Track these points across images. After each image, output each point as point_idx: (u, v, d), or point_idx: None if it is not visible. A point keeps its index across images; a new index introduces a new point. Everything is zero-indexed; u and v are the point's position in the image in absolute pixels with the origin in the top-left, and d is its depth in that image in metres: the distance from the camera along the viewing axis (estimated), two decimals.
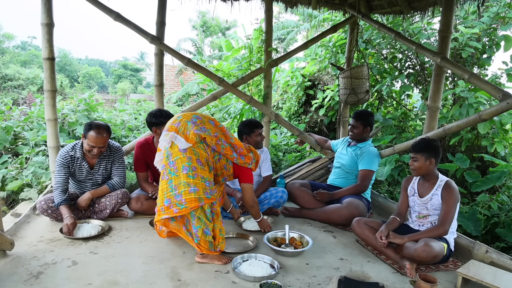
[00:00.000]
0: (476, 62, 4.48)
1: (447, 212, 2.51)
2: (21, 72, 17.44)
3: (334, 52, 5.84)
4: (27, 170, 4.30)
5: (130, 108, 8.55)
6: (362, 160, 3.44)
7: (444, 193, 2.57)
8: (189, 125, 2.41)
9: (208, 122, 2.50)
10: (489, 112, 2.85)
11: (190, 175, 2.32)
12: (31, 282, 2.08)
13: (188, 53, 18.53)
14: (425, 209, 2.67)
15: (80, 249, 2.56)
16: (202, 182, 2.34)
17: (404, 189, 2.83)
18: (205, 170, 2.38)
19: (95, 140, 2.93)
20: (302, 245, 2.72)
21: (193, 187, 2.30)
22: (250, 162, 2.64)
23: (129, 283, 2.12)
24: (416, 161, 2.61)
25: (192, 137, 2.38)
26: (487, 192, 3.81)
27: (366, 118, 3.53)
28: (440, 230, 2.49)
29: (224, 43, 10.48)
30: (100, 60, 54.60)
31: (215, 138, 2.47)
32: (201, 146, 2.42)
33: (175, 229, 2.48)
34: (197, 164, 2.36)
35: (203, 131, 2.42)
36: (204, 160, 2.40)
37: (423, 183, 2.71)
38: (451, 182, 2.59)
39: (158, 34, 3.89)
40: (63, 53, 35.07)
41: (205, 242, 2.35)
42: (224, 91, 4.26)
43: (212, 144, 2.47)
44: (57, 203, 2.89)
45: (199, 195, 2.30)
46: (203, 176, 2.36)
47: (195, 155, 2.37)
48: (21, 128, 5.22)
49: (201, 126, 2.43)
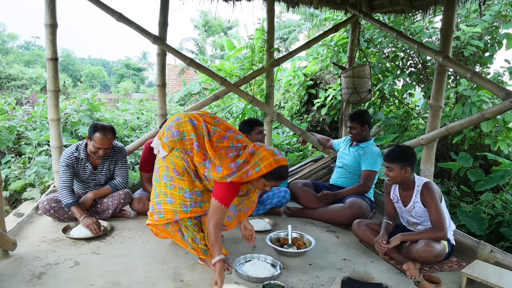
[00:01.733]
0: (478, 60, 4.46)
1: (436, 214, 2.44)
2: (24, 72, 17.48)
3: (336, 51, 5.82)
4: (30, 169, 4.31)
5: (132, 107, 8.57)
6: (365, 160, 3.42)
7: (423, 198, 2.52)
8: (165, 131, 2.26)
9: (186, 122, 2.20)
10: (492, 110, 2.83)
11: (167, 185, 2.21)
12: (33, 283, 2.08)
13: (190, 52, 18.52)
14: (411, 217, 2.66)
15: (82, 249, 2.56)
16: (179, 193, 2.19)
17: (387, 193, 2.80)
18: (183, 180, 2.19)
19: (101, 142, 2.93)
20: (305, 245, 2.70)
21: (170, 198, 2.20)
22: (228, 175, 2.04)
23: (131, 284, 2.13)
24: (391, 170, 2.54)
25: (164, 146, 2.23)
26: (491, 191, 3.78)
27: (362, 117, 3.51)
28: (438, 234, 2.41)
29: (226, 43, 10.48)
30: (102, 59, 54.68)
31: (190, 141, 2.17)
32: (176, 154, 2.20)
33: (169, 234, 2.34)
34: (173, 174, 2.20)
35: (172, 138, 2.18)
36: (182, 169, 2.19)
37: (403, 191, 2.66)
38: (428, 184, 2.53)
39: (160, 34, 3.89)
40: (66, 53, 35.17)
41: (198, 249, 2.30)
42: (226, 90, 4.25)
43: (186, 150, 2.19)
44: (68, 203, 2.88)
45: (175, 208, 2.19)
46: (182, 186, 2.19)
47: (171, 164, 2.21)
48: (24, 127, 5.23)
49: (173, 131, 2.19)
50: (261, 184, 2.11)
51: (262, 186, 2.13)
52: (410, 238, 2.50)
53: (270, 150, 2.08)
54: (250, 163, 2.04)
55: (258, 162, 2.03)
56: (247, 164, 2.05)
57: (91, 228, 2.75)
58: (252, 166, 2.03)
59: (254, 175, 2.03)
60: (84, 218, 2.80)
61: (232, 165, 2.06)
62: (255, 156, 2.06)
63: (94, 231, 2.74)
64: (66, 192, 2.92)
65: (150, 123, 7.30)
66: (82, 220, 2.80)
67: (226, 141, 2.18)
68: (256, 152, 2.08)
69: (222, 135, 2.20)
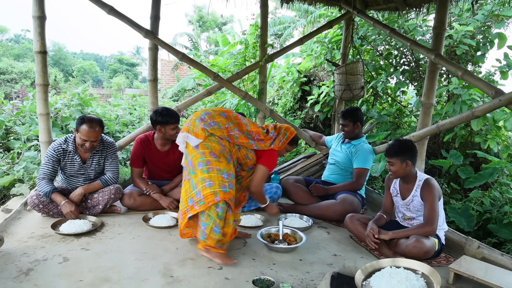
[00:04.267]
0: (470, 59, 4.49)
1: (430, 210, 2.49)
2: (14, 66, 17.22)
3: (329, 48, 5.82)
4: (19, 165, 4.25)
5: (125, 103, 8.49)
6: (357, 158, 3.43)
7: (423, 193, 2.56)
8: (197, 122, 2.39)
9: (218, 115, 2.46)
10: (482, 108, 2.86)
11: (204, 170, 2.29)
12: (20, 279, 2.06)
13: (184, 48, 18.41)
14: (408, 211, 2.69)
15: (71, 245, 2.54)
16: (218, 174, 2.29)
17: (387, 188, 2.84)
18: (221, 162, 2.33)
19: (88, 134, 2.90)
20: (296, 241, 2.70)
21: (208, 181, 2.27)
22: (270, 143, 2.55)
23: (121, 280, 2.11)
24: (392, 165, 2.59)
25: (201, 133, 2.35)
26: (480, 188, 3.83)
27: (354, 115, 3.52)
28: (426, 229, 2.47)
29: (220, 38, 10.44)
30: (95, 54, 54.13)
31: (226, 129, 2.43)
32: (212, 139, 2.37)
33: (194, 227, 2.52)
34: (210, 157, 2.31)
35: (211, 126, 2.39)
36: (219, 152, 2.35)
37: (403, 184, 2.70)
38: (430, 180, 2.57)
39: (152, 28, 3.84)
40: (57, 47, 34.70)
41: (212, 240, 2.32)
42: (218, 86, 4.23)
43: (224, 136, 2.41)
44: (47, 191, 2.86)
45: (214, 189, 2.25)
46: (219, 168, 2.31)
47: (207, 148, 2.34)
48: (13, 122, 5.15)
49: (210, 121, 2.40)
50: (284, 150, 2.66)
51: (285, 152, 2.69)
52: (400, 235, 2.54)
53: (286, 125, 2.73)
54: (280, 134, 2.61)
55: (283, 132, 2.62)
56: (278, 134, 2.60)
57: (69, 216, 2.83)
58: (282, 135, 2.60)
59: (285, 142, 2.60)
60: (64, 204, 2.83)
61: (271, 134, 2.59)
62: (278, 129, 2.63)
63: (73, 218, 2.83)
64: (44, 181, 2.91)
65: (142, 119, 7.25)
66: (62, 206, 2.83)
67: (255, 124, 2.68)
68: (276, 127, 2.66)
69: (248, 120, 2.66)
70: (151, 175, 3.46)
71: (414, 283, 1.72)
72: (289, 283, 2.16)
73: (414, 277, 1.76)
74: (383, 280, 1.77)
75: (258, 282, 2.09)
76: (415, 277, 1.77)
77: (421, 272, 1.82)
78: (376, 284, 1.77)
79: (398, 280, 1.74)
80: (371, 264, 1.98)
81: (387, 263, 1.94)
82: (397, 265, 1.90)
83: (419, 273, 1.81)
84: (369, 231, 2.61)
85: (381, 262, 1.98)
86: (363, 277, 1.88)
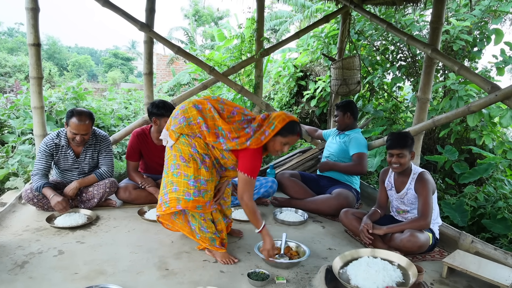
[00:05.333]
0: (467, 55, 4.50)
1: (424, 204, 2.50)
2: (7, 59, 17.04)
3: (326, 43, 5.81)
4: (13, 159, 4.21)
5: (120, 97, 8.43)
6: (352, 145, 3.46)
7: (417, 186, 2.57)
8: (172, 120, 2.29)
9: (191, 108, 2.21)
10: (478, 104, 2.87)
11: (174, 174, 2.23)
12: (15, 272, 2.05)
13: (180, 42, 18.28)
14: (402, 204, 2.70)
15: (66, 238, 2.53)
16: (184, 180, 2.19)
17: (381, 182, 2.85)
18: (189, 167, 2.19)
19: (77, 127, 2.87)
20: (299, 255, 2.42)
21: (175, 186, 2.21)
22: (247, 139, 2.15)
23: (116, 272, 2.11)
24: (402, 157, 2.57)
25: (172, 134, 2.26)
26: (474, 183, 3.86)
27: (345, 106, 3.60)
28: (420, 222, 2.48)
29: (216, 33, 10.37)
30: (90, 48, 53.58)
31: (198, 125, 2.18)
32: (182, 141, 2.22)
33: (178, 226, 2.40)
34: (180, 161, 2.21)
35: (179, 124, 2.21)
36: (188, 156, 2.20)
37: (399, 177, 2.71)
38: (424, 174, 2.58)
39: (147, 21, 3.81)
40: (52, 41, 34.32)
41: (205, 238, 2.31)
42: (214, 80, 4.21)
43: (194, 133, 2.21)
44: (38, 186, 2.84)
45: (178, 195, 2.19)
46: (187, 173, 2.19)
47: (178, 151, 2.23)
48: (7, 116, 5.10)
49: (180, 118, 2.22)
50: (278, 144, 2.21)
51: (280, 147, 2.22)
52: (394, 230, 2.55)
53: (281, 111, 2.27)
54: (265, 125, 2.18)
55: (272, 122, 2.17)
56: (261, 126, 2.19)
57: (57, 208, 2.77)
58: (268, 126, 2.17)
59: (271, 133, 2.15)
60: (53, 197, 2.79)
61: (248, 130, 2.17)
62: (266, 120, 2.22)
63: (61, 208, 2.77)
64: (38, 176, 2.89)
65: (138, 113, 7.20)
66: (51, 200, 2.79)
67: (236, 116, 2.26)
68: (268, 117, 2.24)
69: (230, 110, 2.27)
70: (147, 169, 3.45)
71: (391, 273, 1.73)
72: (284, 276, 2.16)
73: (391, 268, 1.78)
74: (360, 269, 1.78)
75: (253, 275, 2.09)
76: (392, 268, 1.78)
77: (398, 263, 1.83)
78: (353, 273, 1.79)
79: (376, 269, 1.75)
80: (350, 253, 1.97)
81: (366, 253, 1.94)
82: (376, 255, 1.90)
83: (395, 264, 1.82)
84: (363, 226, 2.62)
85: (360, 252, 1.98)
86: (341, 264, 1.87)
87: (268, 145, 2.24)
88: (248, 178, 2.17)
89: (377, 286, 1.65)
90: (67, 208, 2.84)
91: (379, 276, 1.70)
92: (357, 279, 1.71)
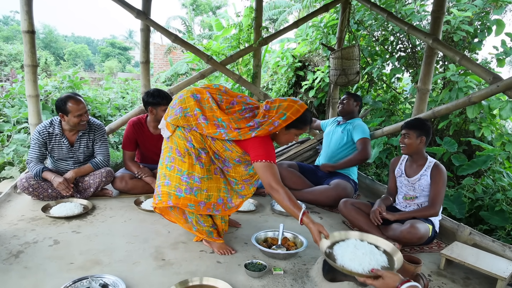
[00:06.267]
0: (467, 46, 4.46)
1: (438, 193, 2.53)
2: (3, 48, 16.82)
3: (325, 32, 5.74)
4: (9, 148, 4.18)
5: (117, 87, 8.36)
6: (356, 131, 3.48)
7: (433, 174, 2.58)
8: (169, 110, 2.19)
9: (189, 97, 2.11)
10: (479, 94, 2.84)
11: (168, 167, 2.14)
12: (10, 261, 2.03)
13: (178, 31, 18.08)
14: (412, 190, 2.69)
15: (62, 228, 2.50)
16: (177, 175, 2.09)
17: (392, 171, 2.85)
18: (184, 162, 2.09)
19: (78, 107, 2.87)
20: (296, 246, 2.41)
21: (167, 179, 2.12)
22: (251, 130, 2.03)
23: (112, 262, 2.09)
24: (407, 137, 2.61)
25: (169, 126, 2.17)
26: (473, 175, 3.85)
27: (357, 95, 3.67)
28: (431, 211, 2.52)
29: (214, 22, 10.21)
30: (87, 37, 53.04)
31: (194, 117, 2.08)
32: (178, 134, 2.13)
33: (175, 218, 2.31)
34: (175, 154, 2.12)
35: (175, 115, 2.11)
36: (184, 150, 2.10)
37: (411, 164, 2.72)
38: (440, 164, 2.61)
39: (144, 8, 3.74)
40: (48, 29, 33.92)
41: (202, 232, 2.28)
42: (212, 69, 4.16)
43: (191, 125, 2.10)
44: (38, 171, 2.85)
45: (169, 190, 2.10)
46: (180, 168, 2.09)
47: (174, 144, 2.14)
48: (2, 105, 5.04)
49: (177, 109, 2.11)
50: (291, 135, 2.12)
51: (292, 137, 2.14)
52: (404, 217, 2.57)
53: (288, 99, 2.09)
54: (273, 116, 2.03)
55: (282, 112, 2.03)
56: (269, 118, 2.04)
57: (60, 188, 2.81)
58: (277, 116, 2.03)
59: (282, 124, 2.04)
60: (54, 178, 2.83)
61: (251, 123, 2.04)
62: (275, 110, 2.06)
63: (64, 188, 2.82)
64: (33, 163, 2.90)
65: (135, 103, 7.14)
66: (53, 181, 2.84)
67: (237, 106, 2.14)
68: (272, 106, 2.08)
69: (230, 101, 2.16)
70: (143, 158, 3.42)
71: (377, 257, 1.72)
72: (281, 267, 2.15)
73: (377, 252, 1.77)
74: (348, 250, 1.78)
75: (250, 266, 2.08)
76: (379, 252, 1.77)
77: (384, 249, 1.83)
78: (339, 253, 1.78)
79: (363, 252, 1.74)
80: (339, 234, 1.95)
81: (354, 236, 1.95)
82: (363, 239, 1.92)
83: (381, 249, 1.82)
84: (377, 208, 2.63)
85: (348, 233, 1.96)
86: (329, 244, 1.87)
87: (277, 136, 2.14)
88: (267, 163, 1.99)
89: (363, 268, 1.65)
90: (70, 188, 2.87)
91: (365, 259, 1.70)
92: (343, 259, 1.72)
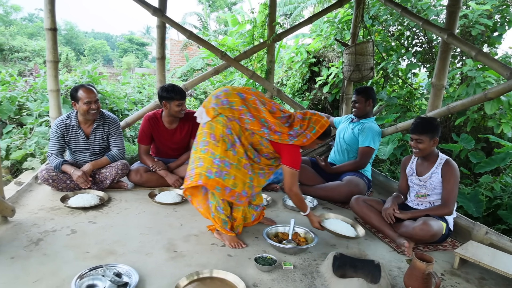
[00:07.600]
0: (486, 40, 4.33)
1: (450, 190, 2.48)
2: (27, 44, 17.36)
3: (340, 28, 5.67)
4: (31, 140, 4.34)
5: (134, 81, 8.50)
6: (364, 136, 3.38)
7: (444, 171, 2.52)
8: (212, 99, 2.30)
9: (235, 94, 2.29)
10: (495, 90, 2.77)
11: (202, 150, 2.24)
12: (30, 248, 2.13)
13: (194, 27, 18.22)
14: (423, 188, 2.65)
15: (79, 218, 2.60)
16: (210, 158, 2.20)
17: (403, 170, 2.81)
18: (217, 146, 2.21)
19: (88, 95, 2.98)
20: (307, 241, 2.43)
21: (201, 161, 2.22)
22: (290, 139, 2.30)
23: (126, 253, 2.16)
24: (420, 142, 2.51)
25: (211, 111, 2.27)
26: (491, 173, 3.75)
27: (367, 92, 3.48)
28: (444, 210, 2.48)
29: (230, 18, 10.25)
30: (106, 33, 53.98)
31: (238, 111, 2.26)
32: (219, 120, 2.25)
33: (199, 199, 2.41)
34: (210, 138, 2.24)
35: (222, 104, 2.25)
36: (219, 136, 2.23)
37: (422, 162, 2.66)
38: (451, 160, 2.54)
39: (160, 6, 3.80)
40: (69, 26, 34.75)
41: (218, 219, 2.33)
42: (226, 65, 4.19)
43: (234, 117, 2.26)
44: (58, 164, 2.98)
45: (201, 170, 2.18)
46: (214, 152, 2.21)
47: (210, 129, 2.25)
48: (26, 98, 5.22)
49: (223, 99, 2.26)
50: (314, 144, 2.43)
51: (314, 146, 2.47)
52: (417, 215, 2.54)
53: (316, 114, 2.42)
54: (305, 128, 2.34)
55: (312, 126, 2.35)
56: (303, 129, 2.34)
57: (79, 181, 2.95)
58: (309, 130, 2.34)
59: (313, 137, 2.34)
60: (74, 171, 2.96)
61: (291, 132, 2.31)
62: (307, 120, 2.36)
63: (83, 181, 2.95)
64: (54, 156, 3.02)
65: (151, 98, 7.25)
66: (72, 174, 2.97)
67: (276, 112, 2.37)
68: (305, 117, 2.38)
69: (271, 106, 2.39)
70: (158, 152, 3.49)
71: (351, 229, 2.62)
72: (291, 262, 2.18)
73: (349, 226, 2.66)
74: (333, 223, 2.62)
75: (260, 260, 2.11)
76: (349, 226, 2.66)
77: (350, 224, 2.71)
78: (327, 225, 2.57)
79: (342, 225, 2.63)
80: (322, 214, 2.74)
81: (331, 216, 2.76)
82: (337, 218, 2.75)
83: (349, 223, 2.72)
84: (391, 206, 2.61)
85: (328, 214, 2.77)
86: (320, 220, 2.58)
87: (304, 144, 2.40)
88: (293, 171, 2.34)
89: (345, 232, 2.52)
90: (88, 182, 2.98)
91: (345, 227, 2.59)
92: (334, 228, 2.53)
